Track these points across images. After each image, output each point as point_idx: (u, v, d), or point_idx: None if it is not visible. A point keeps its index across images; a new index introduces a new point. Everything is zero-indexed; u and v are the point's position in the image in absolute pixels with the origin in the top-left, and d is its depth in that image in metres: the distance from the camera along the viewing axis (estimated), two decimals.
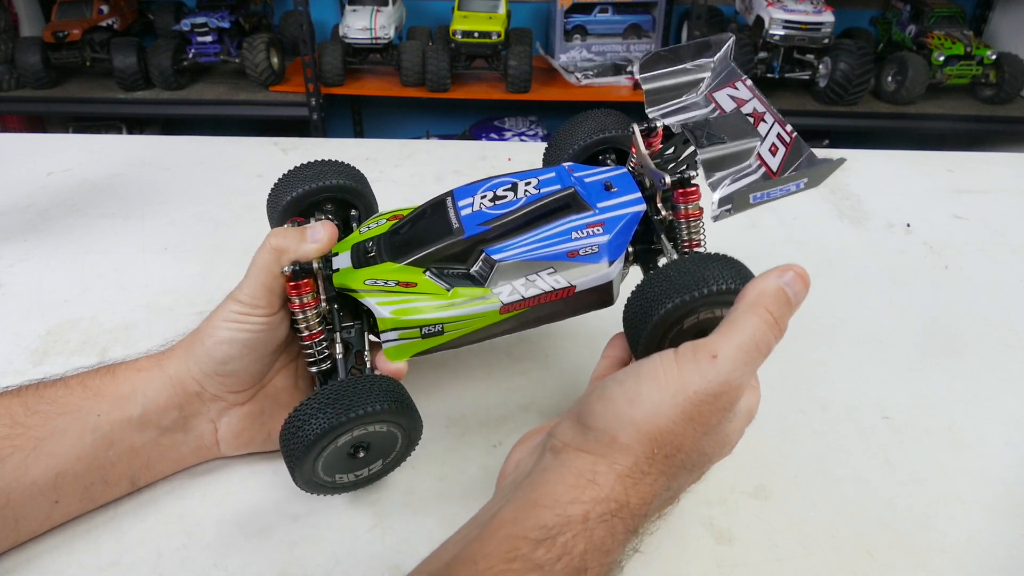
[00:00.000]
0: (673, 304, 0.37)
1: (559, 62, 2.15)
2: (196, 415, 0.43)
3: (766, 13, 1.95)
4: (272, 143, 0.94)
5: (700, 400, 0.34)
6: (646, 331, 0.38)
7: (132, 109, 2.05)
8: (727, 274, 0.38)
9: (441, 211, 0.44)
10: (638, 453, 0.34)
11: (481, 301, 0.42)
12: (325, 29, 2.31)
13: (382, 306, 0.42)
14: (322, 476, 0.41)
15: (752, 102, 0.44)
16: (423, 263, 0.43)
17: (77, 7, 2.05)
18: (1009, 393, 0.54)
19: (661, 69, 0.46)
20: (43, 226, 0.73)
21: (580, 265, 0.42)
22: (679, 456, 0.35)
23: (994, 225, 0.79)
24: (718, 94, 0.46)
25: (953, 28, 2.06)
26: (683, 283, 0.37)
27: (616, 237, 0.42)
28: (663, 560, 0.41)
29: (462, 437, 0.49)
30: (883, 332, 0.61)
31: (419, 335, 0.42)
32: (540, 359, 0.56)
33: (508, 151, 0.93)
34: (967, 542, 0.43)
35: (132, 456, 0.42)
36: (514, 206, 0.42)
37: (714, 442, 0.36)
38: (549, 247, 0.42)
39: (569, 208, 0.42)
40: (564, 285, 0.42)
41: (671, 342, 0.39)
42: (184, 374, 0.43)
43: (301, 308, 0.42)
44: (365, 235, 0.46)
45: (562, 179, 0.43)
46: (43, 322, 0.59)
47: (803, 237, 0.75)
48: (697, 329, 0.39)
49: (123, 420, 0.41)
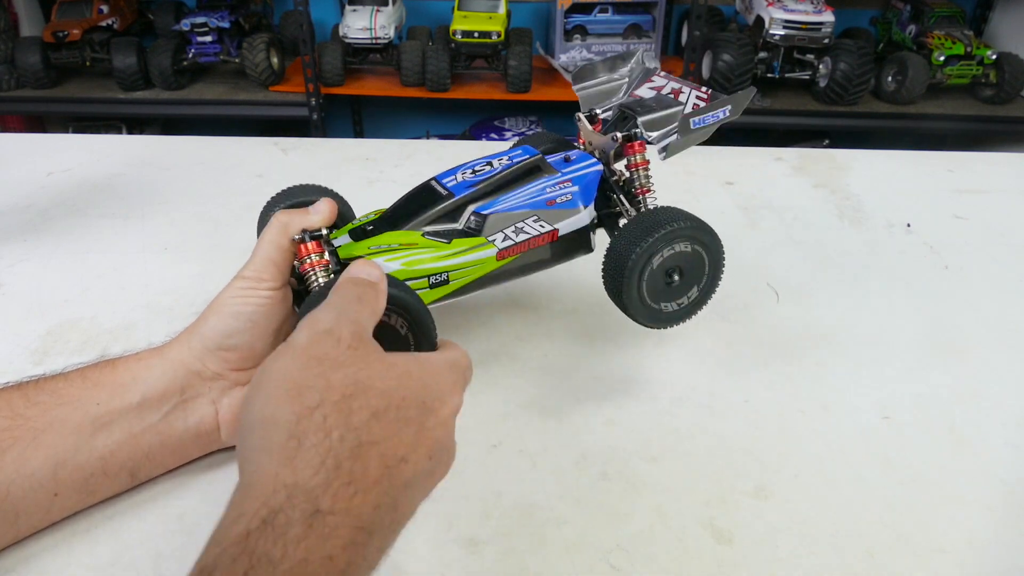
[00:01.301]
0: (641, 248, 0.45)
1: (559, 62, 2.15)
2: (197, 396, 0.43)
3: (766, 13, 1.95)
4: (272, 143, 0.94)
5: (311, 339, 0.32)
6: (624, 277, 0.46)
7: (132, 109, 2.05)
8: (672, 216, 0.46)
9: (428, 188, 0.50)
10: (284, 420, 0.29)
11: (479, 248, 0.47)
12: (325, 29, 2.31)
13: (390, 262, 0.46)
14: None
15: (669, 84, 0.55)
16: (420, 227, 0.48)
17: (77, 7, 2.05)
18: (1009, 393, 0.54)
19: (589, 80, 0.57)
20: (43, 226, 0.73)
21: (559, 211, 0.49)
22: (341, 405, 0.30)
23: (994, 225, 0.79)
24: (639, 91, 0.56)
25: (953, 28, 2.06)
26: (642, 231, 0.45)
27: (584, 189, 0.50)
28: (663, 560, 0.41)
29: (461, 436, 0.49)
30: (883, 332, 0.61)
31: (427, 285, 0.47)
32: (539, 357, 0.56)
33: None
34: (967, 542, 0.42)
35: (132, 444, 0.42)
36: (493, 173, 0.49)
37: (387, 376, 0.32)
38: (530, 199, 0.49)
39: (540, 171, 0.50)
40: (548, 229, 0.49)
41: (648, 282, 0.46)
42: (186, 354, 0.43)
43: (312, 267, 0.44)
44: (360, 222, 0.50)
45: (528, 152, 0.51)
46: (43, 322, 0.59)
47: (803, 237, 0.75)
48: (664, 268, 0.47)
49: (122, 407, 0.41)
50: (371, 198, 0.80)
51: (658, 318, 0.49)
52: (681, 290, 0.48)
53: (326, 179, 0.85)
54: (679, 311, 0.49)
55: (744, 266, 0.68)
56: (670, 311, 0.49)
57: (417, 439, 0.32)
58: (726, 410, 0.51)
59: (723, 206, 0.81)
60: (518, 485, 0.45)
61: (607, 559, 0.41)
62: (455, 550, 0.41)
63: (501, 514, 0.43)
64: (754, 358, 0.57)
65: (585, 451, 0.48)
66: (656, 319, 0.49)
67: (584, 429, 0.49)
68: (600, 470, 0.46)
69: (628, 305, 0.47)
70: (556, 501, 0.44)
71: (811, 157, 0.95)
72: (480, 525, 0.42)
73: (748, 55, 1.94)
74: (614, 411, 0.51)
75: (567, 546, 0.41)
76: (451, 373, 0.36)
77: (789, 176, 0.89)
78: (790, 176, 0.89)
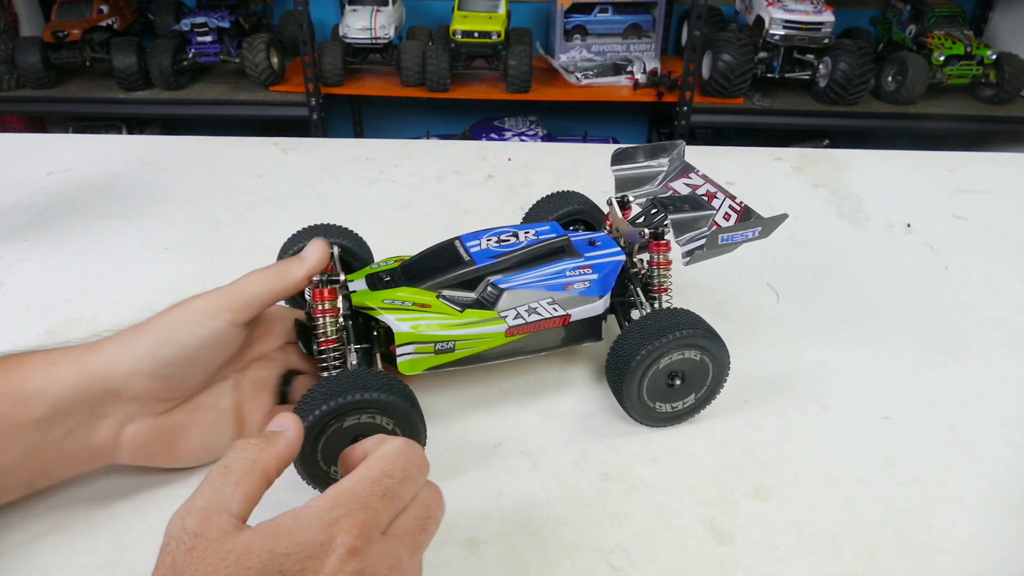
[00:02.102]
0: (646, 350, 0.45)
1: (559, 62, 2.15)
2: (104, 417, 0.39)
3: (766, 13, 1.95)
4: (272, 143, 0.94)
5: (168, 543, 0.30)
6: (627, 371, 0.46)
7: (132, 109, 2.05)
8: (687, 322, 0.46)
9: (451, 248, 0.50)
10: None
11: (490, 323, 0.47)
12: (325, 29, 2.31)
13: (401, 322, 0.46)
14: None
15: (705, 186, 0.54)
16: (437, 288, 0.48)
17: (77, 7, 2.04)
18: (1009, 393, 0.54)
19: (627, 164, 0.56)
20: (43, 226, 0.73)
21: (575, 297, 0.49)
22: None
23: (994, 225, 0.79)
24: (675, 183, 0.56)
25: (953, 28, 2.06)
26: (655, 331, 0.46)
27: (604, 278, 0.50)
28: (663, 560, 0.41)
29: (462, 438, 0.49)
30: (883, 332, 0.61)
31: (433, 350, 0.47)
32: (540, 359, 0.56)
33: (508, 151, 0.93)
34: (967, 542, 0.42)
35: (30, 460, 0.38)
36: (517, 247, 0.49)
37: (222, 566, 0.28)
38: (548, 281, 0.49)
39: (564, 252, 0.50)
40: (561, 314, 0.49)
41: (649, 381, 0.47)
42: (108, 369, 0.39)
43: (322, 314, 0.44)
44: (378, 268, 0.50)
45: (556, 230, 0.52)
46: (43, 321, 0.59)
47: (803, 237, 0.75)
48: (669, 371, 0.47)
49: (24, 422, 0.37)
50: (371, 198, 0.81)
51: (651, 416, 0.49)
52: (680, 394, 0.48)
53: (326, 179, 0.86)
54: (672, 414, 0.49)
55: (744, 266, 0.68)
56: (664, 412, 0.49)
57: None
58: (726, 410, 0.51)
59: None
60: (518, 485, 0.45)
61: (607, 559, 0.41)
62: (455, 550, 0.41)
63: (501, 514, 0.43)
64: (755, 358, 0.57)
65: (585, 451, 0.48)
66: (648, 417, 0.49)
67: (584, 429, 0.49)
68: (600, 470, 0.46)
69: (624, 398, 0.47)
70: (556, 501, 0.44)
71: (811, 157, 0.95)
72: (480, 525, 0.42)
73: (748, 55, 1.94)
74: (614, 411, 0.51)
75: (567, 546, 0.41)
76: (329, 514, 0.30)
77: (789, 176, 0.89)
78: (790, 176, 0.89)
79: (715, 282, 0.66)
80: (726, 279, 0.50)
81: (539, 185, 0.84)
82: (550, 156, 0.93)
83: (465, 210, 0.78)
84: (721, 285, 0.66)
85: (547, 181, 0.85)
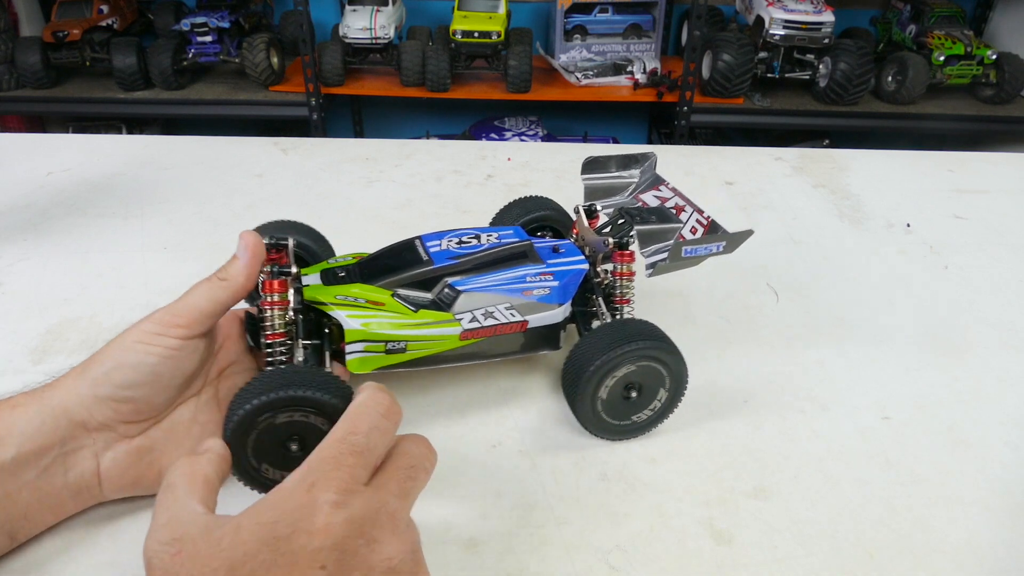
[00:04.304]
0: (605, 358, 0.44)
1: (559, 62, 2.15)
2: (78, 449, 0.39)
3: (766, 13, 1.95)
4: (272, 143, 0.94)
5: None
6: (581, 382, 0.45)
7: (132, 109, 2.05)
8: (645, 333, 0.45)
9: (410, 247, 0.49)
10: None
11: (444, 324, 0.46)
12: (325, 29, 2.31)
13: (351, 319, 0.44)
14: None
15: (674, 199, 0.54)
16: (392, 287, 0.46)
17: (77, 7, 2.05)
18: (1009, 393, 0.54)
19: (597, 173, 0.56)
20: (43, 226, 0.73)
21: (533, 303, 0.48)
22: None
23: (994, 225, 0.79)
24: (644, 195, 0.56)
25: (953, 28, 2.06)
26: (611, 340, 0.45)
27: (565, 286, 0.49)
28: (662, 560, 0.41)
29: (461, 437, 0.49)
30: (883, 332, 0.61)
31: (383, 350, 0.46)
32: (539, 357, 0.56)
33: (508, 151, 0.93)
34: (967, 542, 0.42)
35: (7, 505, 0.37)
36: (478, 249, 0.48)
37: (214, 553, 0.29)
38: (507, 285, 0.47)
39: (525, 257, 0.49)
40: (519, 319, 0.48)
41: (604, 392, 0.46)
42: (71, 400, 0.38)
43: (270, 306, 0.43)
44: (335, 264, 0.49)
45: (519, 235, 0.51)
46: (43, 321, 0.59)
47: (803, 237, 0.75)
48: (625, 383, 0.46)
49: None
50: (371, 198, 0.81)
51: (606, 428, 0.48)
52: (636, 407, 0.47)
53: (326, 179, 0.86)
54: (627, 426, 0.48)
55: (744, 266, 0.68)
56: (618, 425, 0.48)
57: None
58: (726, 410, 0.51)
59: (723, 206, 0.81)
60: (518, 485, 0.45)
61: (607, 559, 0.41)
62: (455, 550, 0.41)
63: (501, 514, 0.43)
64: (754, 358, 0.57)
65: (584, 451, 0.48)
66: (603, 429, 0.48)
67: (583, 430, 0.49)
68: (599, 470, 0.46)
69: (577, 410, 0.46)
70: (556, 501, 0.44)
71: (811, 157, 0.95)
72: (480, 525, 0.42)
73: (748, 55, 1.94)
74: None
75: (567, 546, 0.41)
76: (305, 481, 0.31)
77: (789, 176, 0.89)
78: (790, 176, 0.89)
79: (715, 282, 0.66)
80: (727, 279, 0.49)
81: (539, 185, 0.84)
82: (550, 156, 0.93)
83: (465, 210, 0.78)
84: (720, 285, 0.66)
85: (547, 181, 0.85)
